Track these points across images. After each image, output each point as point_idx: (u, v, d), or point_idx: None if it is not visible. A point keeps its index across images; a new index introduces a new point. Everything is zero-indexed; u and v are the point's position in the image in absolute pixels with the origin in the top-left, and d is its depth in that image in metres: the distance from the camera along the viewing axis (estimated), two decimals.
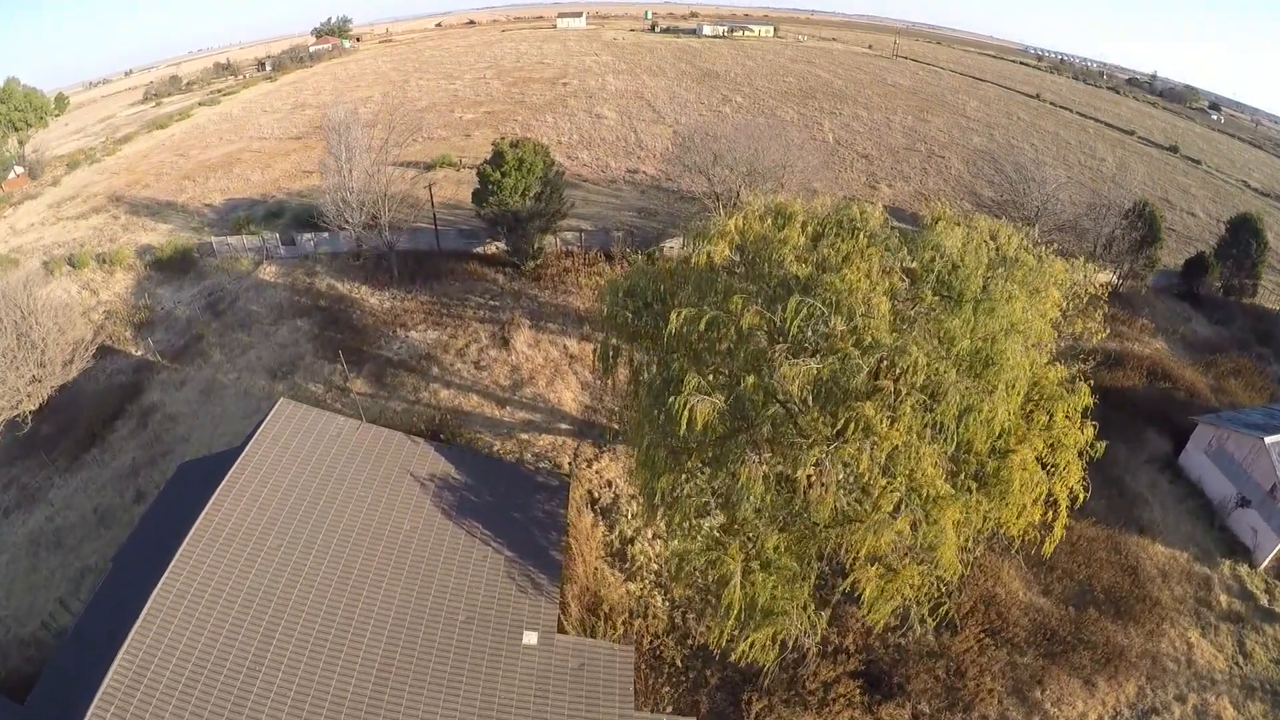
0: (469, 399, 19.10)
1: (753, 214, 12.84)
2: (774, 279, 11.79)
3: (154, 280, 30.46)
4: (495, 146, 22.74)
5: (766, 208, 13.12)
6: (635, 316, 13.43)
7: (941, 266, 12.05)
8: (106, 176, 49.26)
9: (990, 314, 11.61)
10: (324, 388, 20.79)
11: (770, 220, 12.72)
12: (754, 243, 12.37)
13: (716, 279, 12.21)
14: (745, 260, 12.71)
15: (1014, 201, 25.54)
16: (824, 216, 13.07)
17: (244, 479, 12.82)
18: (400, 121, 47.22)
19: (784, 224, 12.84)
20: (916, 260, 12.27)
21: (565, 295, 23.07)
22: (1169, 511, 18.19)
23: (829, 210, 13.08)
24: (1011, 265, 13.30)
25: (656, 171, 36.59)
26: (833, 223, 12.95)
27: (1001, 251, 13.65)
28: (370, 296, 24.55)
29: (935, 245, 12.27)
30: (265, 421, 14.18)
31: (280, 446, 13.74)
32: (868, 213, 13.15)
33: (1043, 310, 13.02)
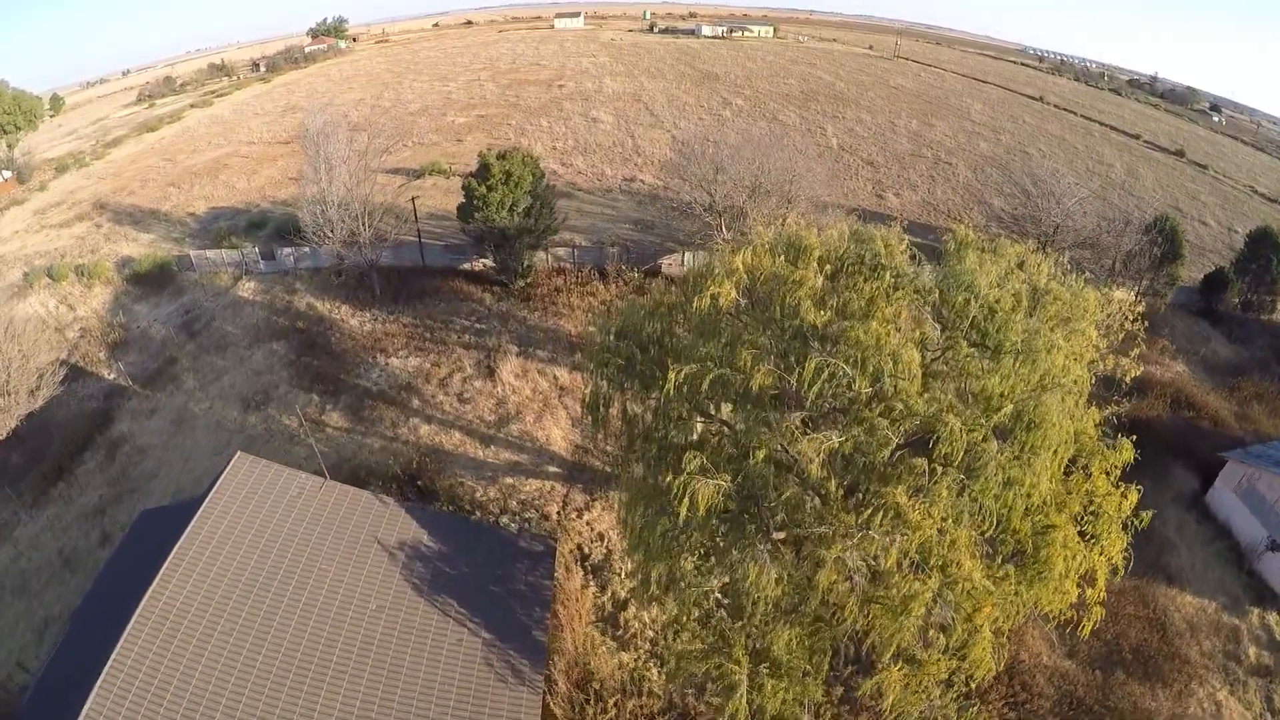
0: (450, 436, 17.48)
1: (762, 247, 11.17)
2: (788, 328, 10.18)
3: (131, 296, 28.80)
4: (481, 158, 20.99)
5: (777, 239, 11.48)
6: (628, 364, 11.84)
7: (977, 312, 10.49)
8: (93, 182, 47.45)
9: (1031, 366, 10.08)
10: (298, 420, 19.14)
11: (782, 256, 11.08)
12: (764, 282, 10.74)
13: (721, 325, 10.60)
14: (754, 301, 11.09)
15: (1031, 216, 23.82)
16: (843, 250, 11.44)
17: (194, 550, 11.27)
18: (386, 129, 45.41)
19: (798, 259, 11.23)
20: (948, 303, 10.69)
21: (556, 317, 21.40)
22: (1197, 555, 16.81)
23: (848, 242, 11.44)
24: (1043, 299, 11.86)
25: (654, 180, 34.81)
26: (852, 256, 11.34)
27: (1032, 282, 12.25)
28: (350, 317, 22.88)
29: (969, 286, 10.70)
30: (220, 479, 12.62)
31: (236, 509, 12.18)
32: (891, 244, 11.53)
33: (1079, 352, 11.52)
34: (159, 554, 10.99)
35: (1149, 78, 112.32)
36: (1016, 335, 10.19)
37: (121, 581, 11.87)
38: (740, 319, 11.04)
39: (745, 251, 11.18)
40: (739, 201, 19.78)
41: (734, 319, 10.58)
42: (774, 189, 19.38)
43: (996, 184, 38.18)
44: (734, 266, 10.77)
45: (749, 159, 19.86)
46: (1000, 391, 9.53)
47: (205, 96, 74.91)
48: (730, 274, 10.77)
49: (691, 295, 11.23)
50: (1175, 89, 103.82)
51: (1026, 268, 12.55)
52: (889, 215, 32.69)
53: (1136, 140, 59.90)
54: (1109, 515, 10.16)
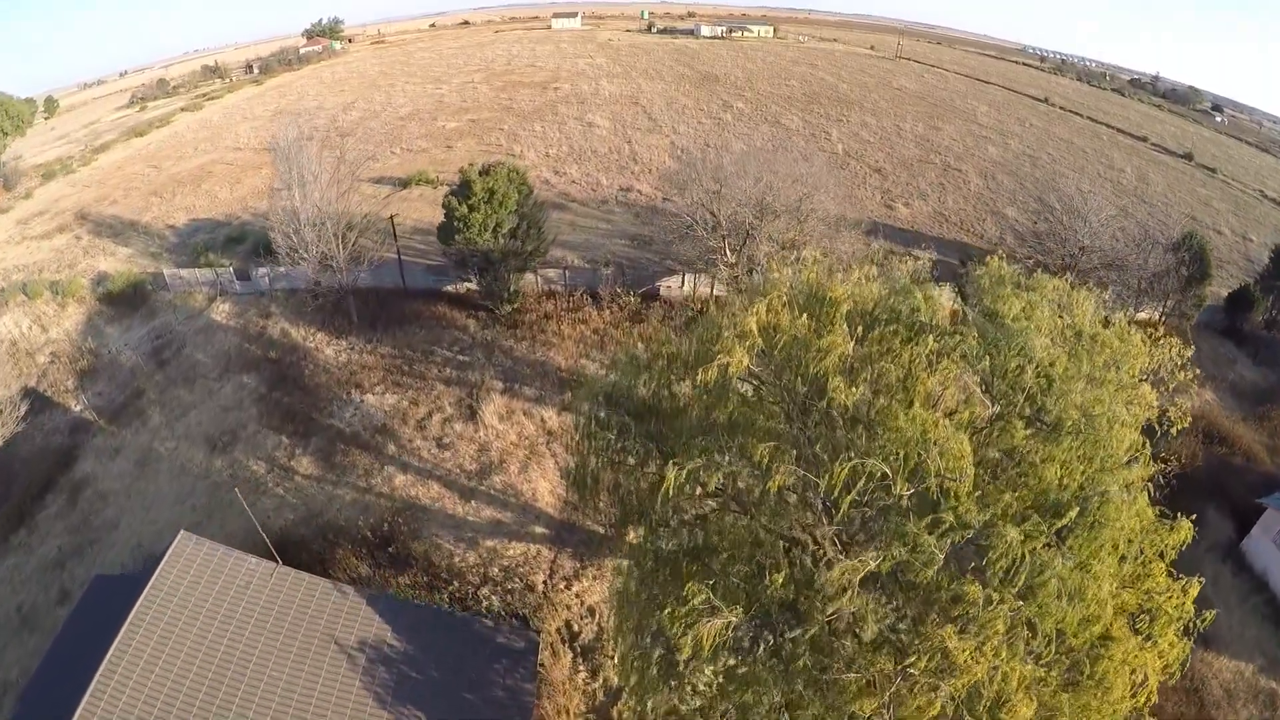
0: (428, 488, 15.58)
1: (778, 301, 9.20)
2: (814, 411, 8.26)
3: (104, 317, 26.79)
4: (462, 174, 18.89)
5: (796, 289, 9.50)
6: (620, 434, 9.92)
7: (1033, 382, 8.57)
8: (78, 189, 45.21)
9: (1094, 445, 8.21)
10: (267, 466, 17.30)
11: (804, 315, 9.11)
12: (784, 347, 8.80)
13: (731, 403, 8.67)
14: (772, 367, 9.16)
15: (1054, 235, 21.75)
16: (875, 303, 9.46)
17: (132, 650, 9.57)
18: (375, 134, 43.10)
19: (821, 314, 9.25)
20: (997, 369, 8.76)
21: (545, 348, 19.43)
22: (1234, 612, 15.16)
23: (880, 292, 9.46)
24: (1091, 348, 9.97)
25: (652, 190, 32.65)
26: (885, 311, 9.37)
27: (1075, 325, 10.35)
28: (326, 346, 20.88)
29: (1023, 348, 8.78)
30: (163, 563, 10.91)
31: (178, 601, 10.39)
32: (932, 297, 9.55)
33: (1136, 414, 9.63)
34: (108, 629, 9.76)
35: (1151, 78, 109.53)
36: (1077, 409, 8.36)
37: (70, 661, 10.61)
38: (754, 391, 9.13)
39: (759, 306, 9.17)
40: (745, 220, 17.69)
41: (745, 398, 8.66)
42: (783, 208, 17.30)
43: (1009, 192, 36.07)
44: (746, 328, 8.77)
45: (755, 174, 17.73)
46: (1059, 481, 7.75)
47: (196, 100, 72.32)
48: (742, 337, 8.78)
49: (696, 363, 9.30)
50: (1177, 89, 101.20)
51: (1069, 307, 10.73)
52: (900, 227, 30.71)
53: (1144, 143, 57.66)
54: (1168, 615, 8.36)
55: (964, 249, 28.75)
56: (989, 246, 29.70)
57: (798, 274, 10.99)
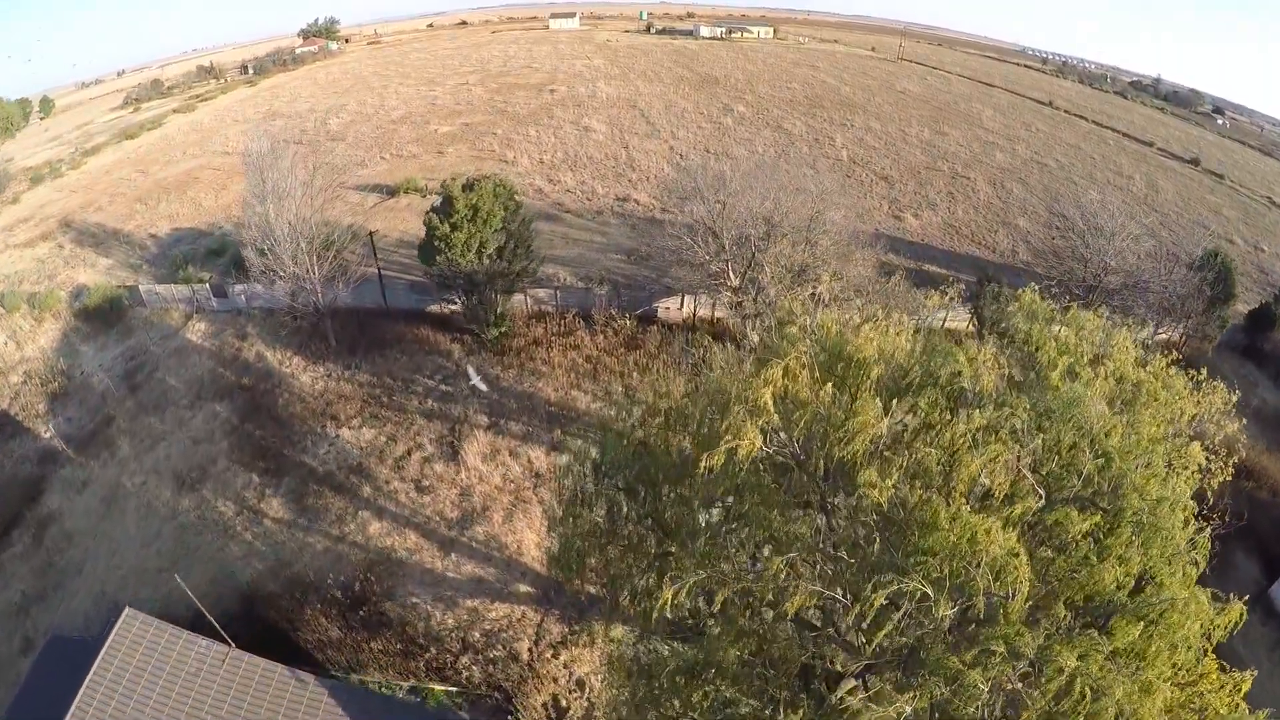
0: (405, 537, 14.10)
1: (797, 365, 7.69)
2: (839, 506, 6.78)
3: (79, 334, 25.22)
4: (444, 189, 17.28)
5: (818, 348, 7.98)
6: (610, 513, 8.44)
7: (1091, 465, 7.15)
8: (65, 195, 43.50)
9: (1155, 534, 6.86)
10: (235, 508, 15.83)
11: (827, 379, 7.60)
12: (805, 424, 7.30)
13: (743, 494, 7.18)
14: (790, 449, 7.67)
15: (1075, 253, 20.13)
16: (910, 366, 7.95)
17: None
18: (365, 138, 41.30)
19: (848, 377, 7.74)
20: (1048, 446, 7.33)
21: (533, 377, 17.94)
22: (1263, 668, 13.69)
23: (918, 354, 7.95)
24: (1135, 397, 8.60)
25: (650, 200, 31.02)
26: (922, 374, 7.86)
27: (1118, 371, 8.94)
28: (302, 372, 19.34)
29: (1078, 423, 7.35)
30: (107, 646, 9.63)
31: (125, 687, 9.06)
32: (976, 359, 8.05)
33: (1187, 480, 8.27)
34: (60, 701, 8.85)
35: (1152, 79, 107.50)
36: (1136, 492, 7.00)
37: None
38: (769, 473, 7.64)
39: (774, 371, 7.62)
40: (751, 243, 16.07)
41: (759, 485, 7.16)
42: (792, 228, 15.69)
43: (1020, 201, 34.46)
44: (760, 402, 7.25)
45: (762, 191, 16.08)
46: (1116, 582, 6.43)
47: (189, 101, 70.30)
48: (754, 414, 7.28)
49: (699, 436, 7.81)
50: (1179, 91, 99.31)
51: (1113, 355, 9.33)
52: (910, 240, 29.09)
53: (1150, 148, 56.04)
54: (1220, 713, 7.02)
55: (977, 263, 27.21)
56: (1002, 260, 28.21)
57: (816, 323, 9.48)
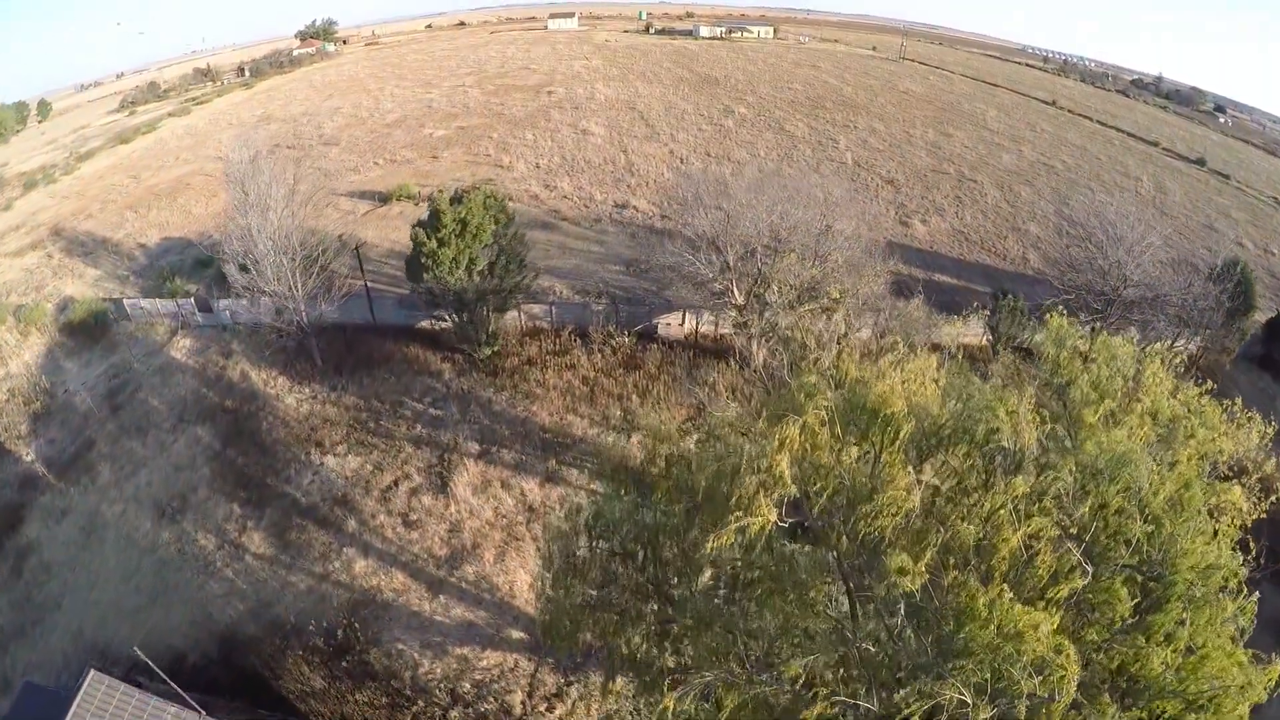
0: (391, 577, 13.17)
1: (816, 421, 6.71)
2: (866, 595, 5.83)
3: (64, 350, 24.28)
4: (431, 202, 16.26)
5: (840, 403, 6.99)
6: (605, 580, 7.49)
7: (1140, 532, 6.30)
8: (57, 201, 42.49)
9: (1204, 606, 6.07)
10: (216, 541, 14.92)
11: (850, 437, 6.62)
12: (827, 491, 6.31)
13: (754, 575, 6.22)
14: (808, 514, 6.70)
15: (1092, 264, 19.02)
16: (942, 421, 6.97)
17: None
18: (359, 142, 40.13)
19: (871, 430, 6.76)
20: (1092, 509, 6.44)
21: (527, 400, 16.96)
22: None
23: (951, 409, 6.96)
24: (1175, 438, 7.76)
25: (649, 207, 29.94)
26: (957, 430, 6.89)
27: (1153, 406, 8.11)
28: (287, 394, 18.37)
29: (1126, 484, 6.50)
30: (74, 709, 8.81)
31: None
32: (1017, 412, 7.09)
33: (1229, 532, 7.46)
34: None
35: (1154, 78, 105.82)
36: (1186, 561, 6.16)
37: None
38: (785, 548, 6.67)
39: (790, 431, 6.60)
40: (757, 259, 15.00)
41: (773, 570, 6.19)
42: (801, 246, 14.64)
43: (1028, 204, 33.33)
44: (776, 472, 6.26)
45: (768, 205, 15.00)
46: (1164, 663, 5.62)
47: (184, 104, 69.09)
48: (769, 486, 6.29)
49: (709, 511, 6.81)
50: (1180, 90, 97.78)
51: (1149, 388, 8.48)
52: (918, 248, 27.97)
53: (1155, 148, 54.80)
54: None
55: (987, 272, 26.17)
56: (1013, 268, 27.15)
57: (833, 361, 8.49)
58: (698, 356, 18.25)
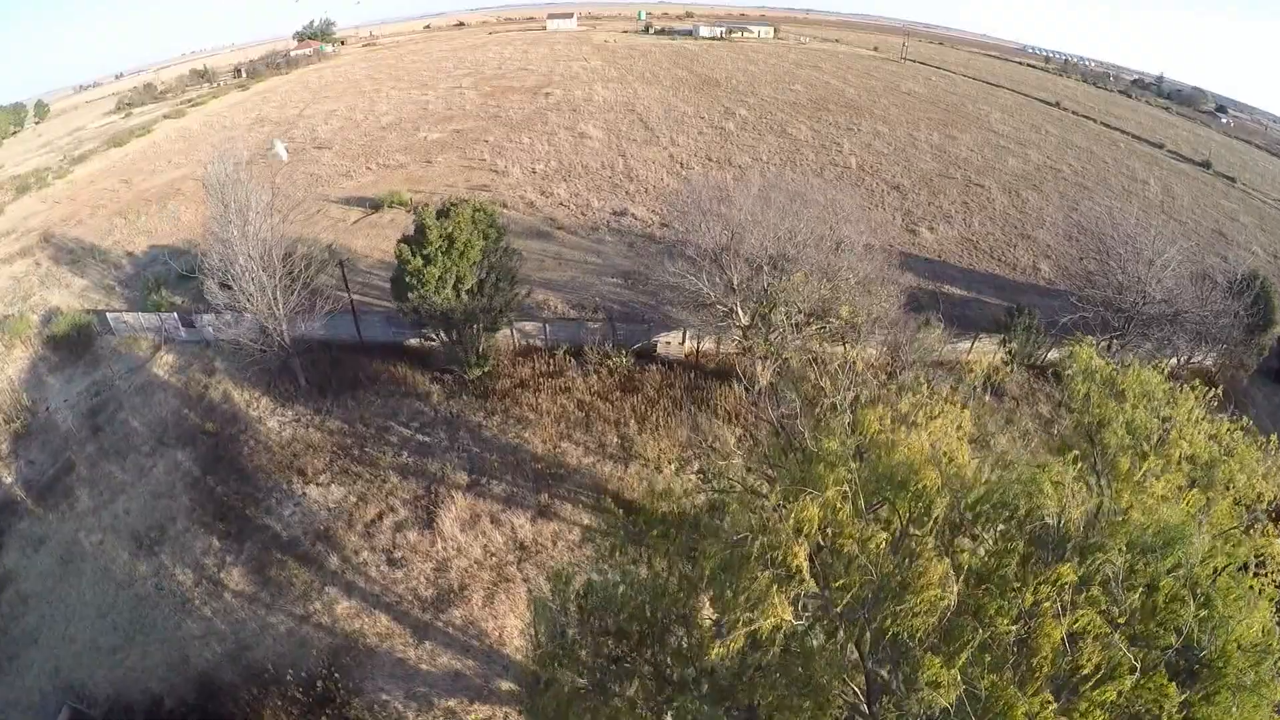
0: (375, 620, 12.27)
1: (838, 497, 5.78)
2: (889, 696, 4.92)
3: (47, 364, 23.34)
4: (416, 216, 15.17)
5: (863, 473, 6.05)
6: (596, 667, 6.58)
7: (1192, 619, 5.51)
8: (49, 206, 41.47)
9: (1254, 693, 5.27)
10: (194, 577, 14.04)
11: (879, 523, 5.68)
12: (851, 584, 5.38)
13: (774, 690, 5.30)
14: (827, 608, 5.75)
15: (1109, 279, 17.97)
16: (978, 496, 6.04)
17: None
18: (353, 145, 38.95)
19: (897, 501, 5.84)
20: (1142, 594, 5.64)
21: (519, 426, 15.98)
22: None
23: (990, 483, 6.03)
24: (1212, 486, 7.07)
25: (648, 214, 28.89)
26: (995, 504, 5.97)
27: (1189, 449, 7.41)
28: (269, 417, 17.42)
29: (1178, 560, 5.74)
30: None
31: None
32: (1063, 481, 6.19)
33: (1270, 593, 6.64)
34: None
35: (1155, 78, 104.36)
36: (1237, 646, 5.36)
37: None
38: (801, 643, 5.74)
39: (809, 510, 5.67)
40: (764, 275, 13.98)
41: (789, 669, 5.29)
42: (810, 264, 13.63)
43: (1036, 210, 32.28)
44: (792, 562, 5.33)
45: (775, 222, 13.96)
46: None
47: (180, 106, 67.88)
48: (782, 580, 5.36)
49: (718, 607, 5.87)
50: (1182, 89, 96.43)
51: (1178, 418, 7.81)
52: (926, 257, 26.88)
53: (1160, 150, 53.70)
54: None
55: (997, 283, 25.16)
56: (1024, 278, 26.15)
57: (853, 420, 7.53)
58: (699, 378, 17.30)
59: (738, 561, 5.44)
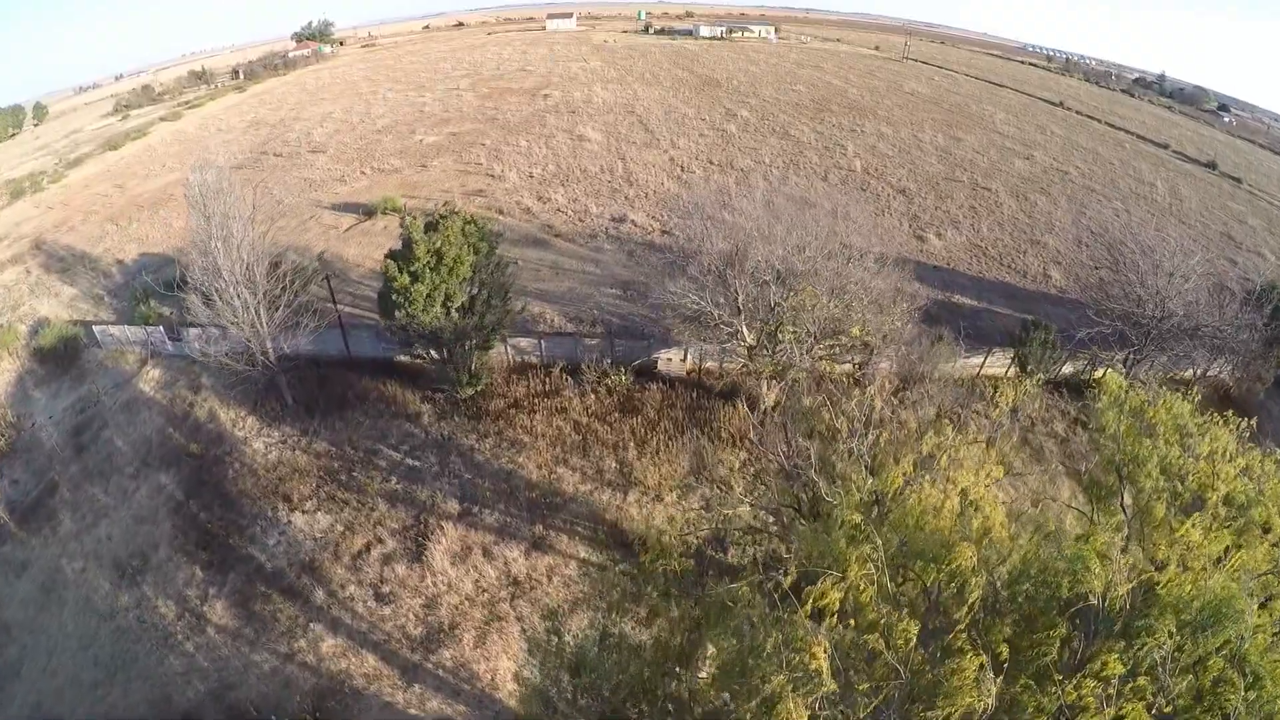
0: (362, 660, 11.55)
1: (861, 577, 5.04)
2: None
3: (34, 377, 22.58)
4: (404, 229, 14.27)
5: (888, 541, 5.30)
6: None
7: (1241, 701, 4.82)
8: (42, 211, 40.67)
9: None
10: (177, 610, 13.34)
11: (899, 593, 4.95)
12: (878, 689, 4.64)
13: None
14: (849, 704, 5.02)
15: (1127, 292, 17.11)
16: (1015, 569, 5.30)
17: None
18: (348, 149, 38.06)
19: (925, 578, 5.10)
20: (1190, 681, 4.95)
21: (512, 449, 15.15)
22: None
23: (1027, 558, 5.29)
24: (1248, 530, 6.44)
25: (648, 221, 28.04)
26: (1033, 578, 5.24)
27: (1226, 490, 6.83)
28: (255, 438, 16.66)
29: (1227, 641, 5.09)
30: None
31: None
32: (1110, 554, 5.48)
33: None
34: None
35: (1157, 77, 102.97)
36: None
37: None
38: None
39: (830, 595, 4.93)
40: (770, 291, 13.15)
41: None
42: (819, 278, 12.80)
43: (1045, 214, 31.37)
44: (813, 664, 4.62)
45: (782, 238, 13.10)
46: None
47: (176, 108, 66.93)
48: (803, 683, 4.63)
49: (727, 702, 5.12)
50: (1184, 88, 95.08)
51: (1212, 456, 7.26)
52: (935, 265, 25.95)
53: (1165, 150, 52.68)
54: None
55: (1008, 291, 24.30)
56: (1035, 286, 25.29)
57: (871, 451, 6.80)
58: (701, 396, 16.50)
59: (748, 655, 4.70)
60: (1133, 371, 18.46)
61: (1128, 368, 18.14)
